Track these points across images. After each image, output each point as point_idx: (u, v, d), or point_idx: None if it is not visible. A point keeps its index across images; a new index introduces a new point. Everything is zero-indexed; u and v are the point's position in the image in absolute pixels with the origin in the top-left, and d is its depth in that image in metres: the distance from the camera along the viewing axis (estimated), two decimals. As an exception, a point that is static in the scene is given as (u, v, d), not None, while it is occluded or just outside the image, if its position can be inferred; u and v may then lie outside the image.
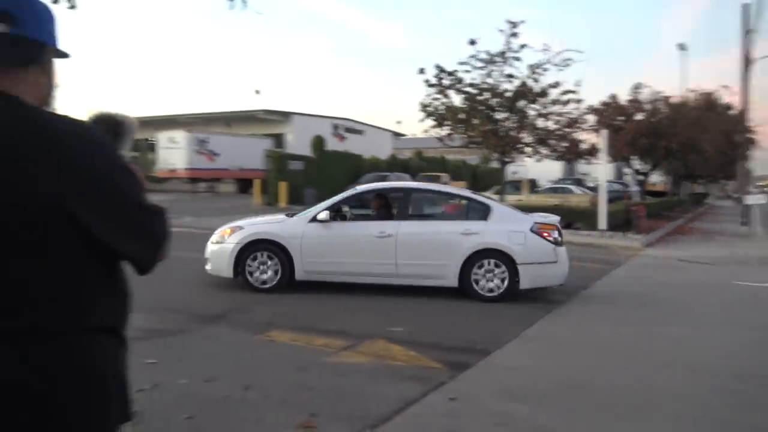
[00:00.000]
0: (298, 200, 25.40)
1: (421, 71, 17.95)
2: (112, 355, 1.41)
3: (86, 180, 1.31)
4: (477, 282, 7.82)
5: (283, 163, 26.94)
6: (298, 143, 34.69)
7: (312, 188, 26.39)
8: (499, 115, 17.98)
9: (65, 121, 1.34)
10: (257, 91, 55.71)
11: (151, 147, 35.28)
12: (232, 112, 39.16)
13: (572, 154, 19.87)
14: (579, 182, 31.88)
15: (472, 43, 17.32)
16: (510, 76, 17.43)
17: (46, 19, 1.42)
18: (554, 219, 8.37)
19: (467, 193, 9.02)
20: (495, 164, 24.17)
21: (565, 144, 18.87)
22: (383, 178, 27.83)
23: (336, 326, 6.30)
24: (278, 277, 7.92)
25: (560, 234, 8.05)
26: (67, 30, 1.50)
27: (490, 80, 17.62)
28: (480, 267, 7.79)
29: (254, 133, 37.87)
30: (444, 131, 18.67)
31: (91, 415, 1.34)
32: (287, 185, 25.61)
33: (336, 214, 8.40)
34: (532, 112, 18.00)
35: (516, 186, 23.27)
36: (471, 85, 17.82)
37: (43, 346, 1.28)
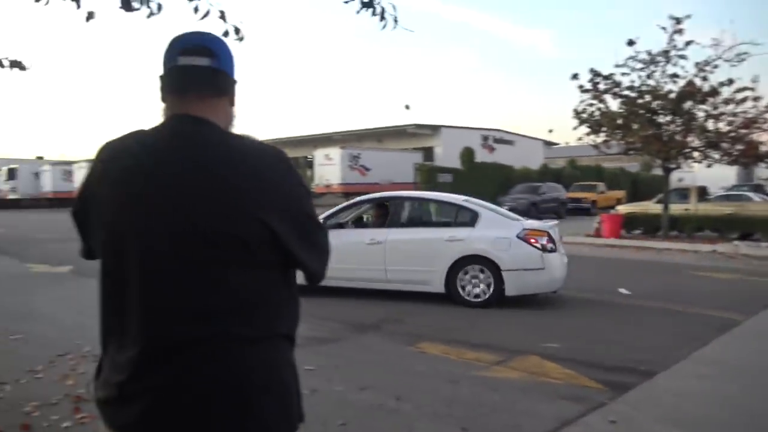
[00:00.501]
0: (447, 212, 25.42)
1: (575, 77, 17.29)
2: (291, 359, 1.50)
3: (281, 195, 1.41)
4: (464, 287, 7.88)
5: (432, 176, 27.21)
6: (447, 156, 34.86)
7: (461, 200, 26.29)
8: (661, 119, 16.76)
9: (256, 143, 1.46)
10: (407, 107, 57.01)
11: (309, 164, 37.37)
12: (383, 127, 40.33)
13: (749, 157, 17.88)
14: (758, 188, 28.65)
15: (631, 43, 16.37)
16: (674, 76, 16.22)
17: (231, 55, 1.56)
18: (547, 226, 8.14)
19: (457, 199, 8.84)
20: (658, 171, 22.48)
21: (740, 147, 17.05)
22: (535, 189, 27.12)
23: (487, 340, 6.20)
24: None
25: (552, 240, 7.84)
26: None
27: (651, 82, 16.52)
28: (466, 273, 7.88)
29: (404, 148, 38.68)
30: (600, 138, 17.78)
31: (280, 416, 1.42)
32: (437, 198, 25.70)
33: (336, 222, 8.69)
34: (700, 114, 16.55)
35: (683, 194, 21.50)
36: (630, 88, 16.81)
37: (239, 352, 1.35)
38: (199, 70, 1.46)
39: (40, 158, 47.19)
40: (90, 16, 4.45)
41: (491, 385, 4.80)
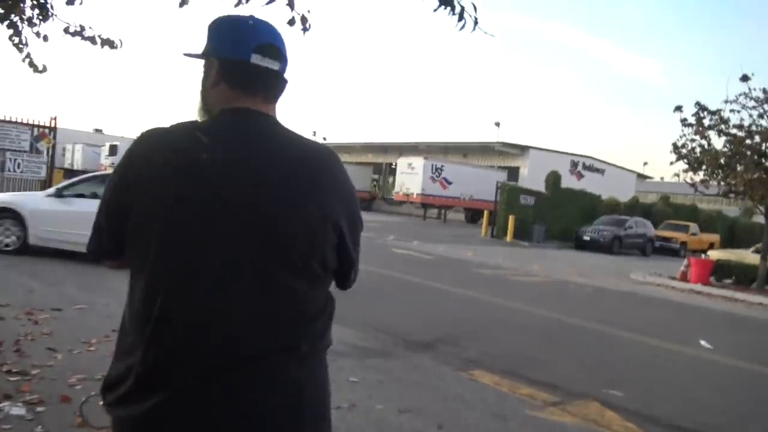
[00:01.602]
0: (525, 235, 24.76)
1: (678, 109, 16.33)
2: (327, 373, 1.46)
3: (346, 196, 1.40)
4: None
5: (514, 197, 26.54)
6: (532, 178, 34.01)
7: (541, 224, 25.54)
8: (771, 163, 15.53)
9: (319, 144, 1.44)
10: (497, 124, 56.01)
11: (392, 171, 37.50)
12: (469, 142, 39.92)
13: None
14: None
15: (745, 79, 15.26)
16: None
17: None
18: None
19: None
20: (759, 219, 20.88)
21: None
22: (620, 222, 25.92)
23: (545, 376, 5.80)
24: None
25: None
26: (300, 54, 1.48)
27: (763, 122, 15.34)
28: None
29: (489, 165, 38.09)
30: (698, 177, 16.69)
31: (325, 426, 1.40)
32: (516, 219, 25.13)
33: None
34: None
35: (785, 246, 19.78)
36: (738, 126, 15.69)
37: (295, 369, 1.30)
38: (272, 75, 1.40)
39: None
40: (183, 2, 4.53)
41: (542, 427, 4.45)
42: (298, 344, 1.30)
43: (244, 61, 1.36)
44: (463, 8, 3.32)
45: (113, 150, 43.71)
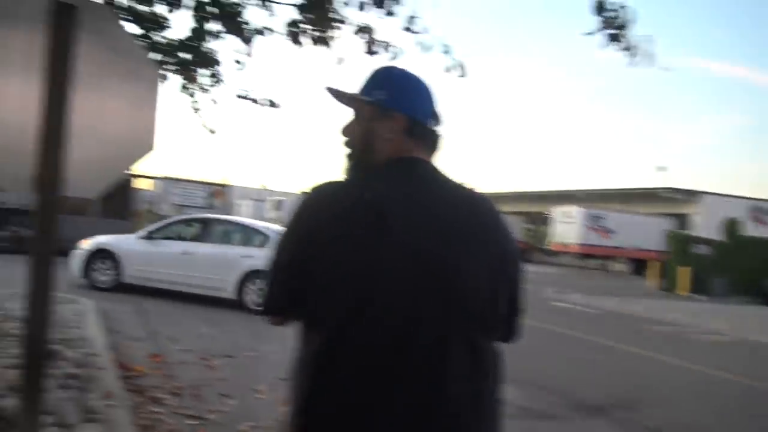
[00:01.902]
0: (702, 289, 22.43)
1: None
2: None
3: (513, 241, 1.43)
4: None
5: (686, 246, 24.29)
6: (705, 225, 31.02)
7: (722, 277, 23.03)
8: None
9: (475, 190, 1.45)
10: (661, 168, 52.45)
11: (546, 220, 36.28)
12: (631, 189, 37.62)
13: None
14: None
15: None
16: None
17: None
18: None
19: (254, 224, 10.87)
20: None
21: None
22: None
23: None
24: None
25: None
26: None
27: None
28: (253, 284, 9.32)
29: (653, 212, 35.50)
30: None
31: None
32: (690, 271, 22.89)
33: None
34: None
35: None
36: None
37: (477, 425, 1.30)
38: (440, 139, 1.47)
39: (302, 193, 53.26)
40: (340, 60, 4.73)
41: None
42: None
43: (422, 122, 1.42)
44: (631, 43, 3.09)
45: (278, 205, 46.94)
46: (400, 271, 1.23)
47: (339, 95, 1.45)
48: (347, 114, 1.46)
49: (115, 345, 6.38)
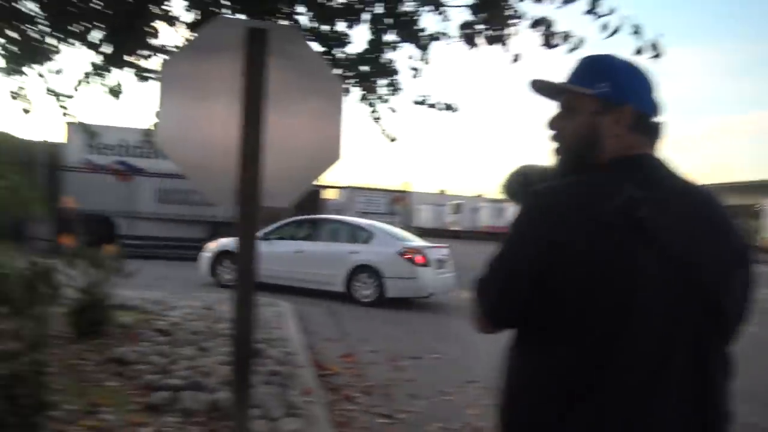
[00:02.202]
0: None
1: None
2: None
3: (747, 242, 1.32)
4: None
5: None
6: None
7: None
8: None
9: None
10: None
11: (757, 214, 32.25)
12: None
13: None
14: None
15: None
16: None
17: None
18: (423, 246, 10.60)
19: (359, 222, 11.52)
20: None
21: None
22: None
23: None
24: None
25: (426, 257, 9.95)
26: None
27: None
28: (359, 279, 10.20)
29: None
30: None
31: None
32: None
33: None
34: None
35: None
36: None
37: None
38: (663, 131, 1.36)
39: (479, 196, 53.00)
40: (516, 58, 4.57)
41: None
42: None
43: (648, 115, 1.32)
44: None
45: (457, 209, 47.15)
46: (663, 279, 1.15)
47: (547, 88, 1.37)
48: (551, 107, 1.36)
49: (311, 345, 6.83)
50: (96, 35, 5.14)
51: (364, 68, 5.13)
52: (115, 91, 5.64)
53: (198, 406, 4.08)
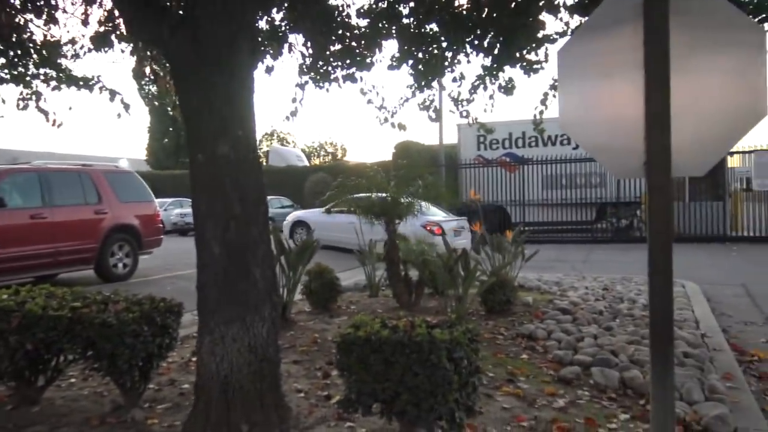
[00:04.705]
0: None
1: None
2: None
3: None
4: None
5: None
6: None
7: None
8: None
9: None
10: None
11: None
12: None
13: None
14: None
15: None
16: None
17: None
18: (441, 219, 12.91)
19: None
20: None
21: None
22: None
23: None
24: None
25: (443, 230, 11.72)
26: None
27: None
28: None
29: None
30: None
31: None
32: None
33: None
34: None
35: None
36: None
37: None
38: None
39: None
40: None
41: None
42: None
43: None
44: None
45: None
46: None
47: None
48: None
49: (726, 327, 6.18)
50: (487, 41, 5.63)
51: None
52: (508, 88, 6.06)
53: (607, 383, 4.12)
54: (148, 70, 6.49)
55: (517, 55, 5.93)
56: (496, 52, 5.93)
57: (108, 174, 10.60)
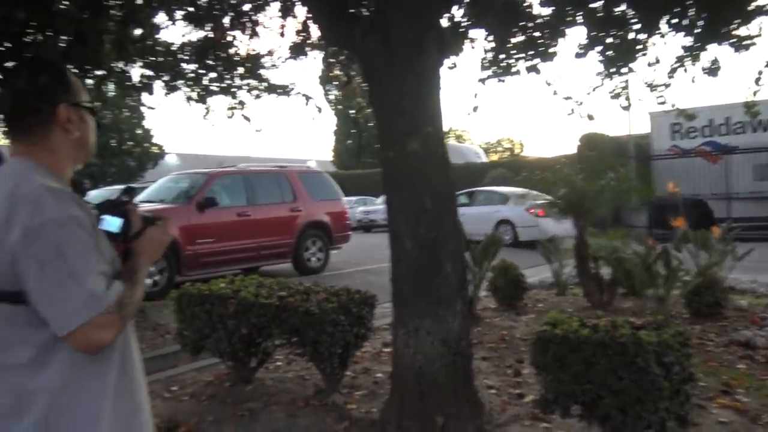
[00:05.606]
0: None
1: None
2: None
3: None
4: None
5: None
6: None
7: None
8: None
9: None
10: None
11: None
12: None
13: None
14: None
15: None
16: None
17: None
18: (538, 203, 11.54)
19: (499, 190, 16.67)
20: None
21: None
22: None
23: None
24: None
25: (536, 213, 13.16)
26: None
27: None
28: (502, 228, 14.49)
29: None
30: None
31: None
32: None
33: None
34: None
35: None
36: None
37: None
38: None
39: None
40: None
41: None
42: None
43: None
44: None
45: None
46: None
47: None
48: None
49: None
50: (688, 17, 5.10)
51: None
52: (713, 69, 5.46)
53: None
54: (337, 74, 6.84)
55: (724, 31, 5.30)
56: (698, 30, 5.36)
57: (301, 174, 11.43)
